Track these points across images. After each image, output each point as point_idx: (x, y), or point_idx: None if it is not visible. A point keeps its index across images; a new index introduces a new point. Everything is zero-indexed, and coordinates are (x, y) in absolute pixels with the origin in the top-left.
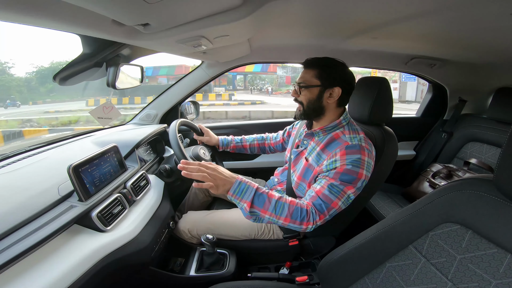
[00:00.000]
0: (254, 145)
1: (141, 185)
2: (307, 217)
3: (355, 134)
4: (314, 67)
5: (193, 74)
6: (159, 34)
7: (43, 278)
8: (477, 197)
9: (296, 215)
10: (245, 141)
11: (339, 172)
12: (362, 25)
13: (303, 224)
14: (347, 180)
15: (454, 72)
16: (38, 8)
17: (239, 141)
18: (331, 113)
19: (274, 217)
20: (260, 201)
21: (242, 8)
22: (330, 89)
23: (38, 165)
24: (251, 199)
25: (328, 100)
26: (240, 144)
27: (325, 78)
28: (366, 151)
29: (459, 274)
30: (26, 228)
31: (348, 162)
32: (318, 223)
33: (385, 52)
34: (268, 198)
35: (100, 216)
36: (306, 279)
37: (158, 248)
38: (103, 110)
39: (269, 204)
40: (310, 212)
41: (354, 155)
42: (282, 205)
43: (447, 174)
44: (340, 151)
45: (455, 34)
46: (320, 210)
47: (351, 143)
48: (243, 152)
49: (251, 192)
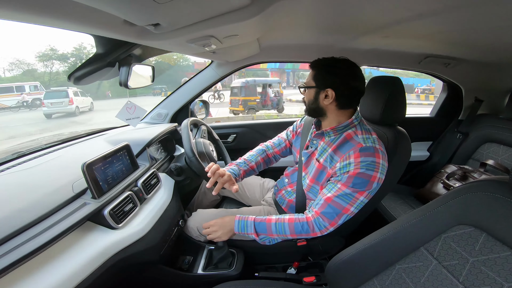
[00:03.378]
0: (259, 162)
1: (151, 183)
2: (312, 227)
3: (368, 134)
4: (314, 68)
5: (203, 73)
6: (169, 34)
7: (56, 273)
8: (493, 199)
9: (299, 230)
10: (250, 162)
11: (352, 177)
12: (373, 23)
13: (311, 234)
14: (359, 185)
15: (469, 71)
16: (53, 9)
17: (243, 165)
18: (335, 115)
19: (281, 236)
20: (262, 228)
21: (251, 7)
22: (323, 91)
23: (53, 163)
24: (254, 230)
25: (325, 102)
26: (247, 167)
27: (319, 80)
28: (381, 153)
29: (471, 277)
30: (42, 224)
31: (362, 166)
32: (331, 229)
33: (398, 51)
34: (267, 224)
35: (112, 214)
36: (314, 279)
37: (167, 246)
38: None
39: (271, 228)
40: (313, 223)
41: (369, 157)
42: (282, 225)
43: (462, 175)
44: (354, 153)
45: (470, 32)
46: (330, 217)
47: (365, 144)
48: (253, 174)
49: (251, 225)
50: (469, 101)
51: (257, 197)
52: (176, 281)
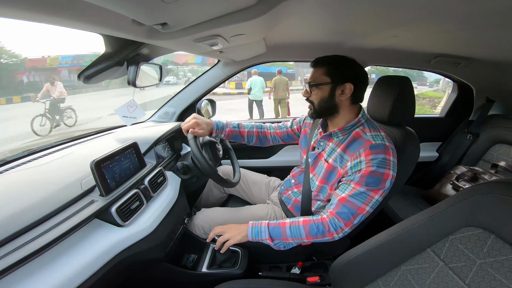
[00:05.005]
0: (253, 133)
1: (158, 182)
2: (327, 228)
3: (377, 132)
4: (323, 65)
5: (210, 72)
6: (176, 34)
7: (64, 270)
8: (502, 201)
9: (314, 232)
10: (243, 127)
11: (365, 175)
12: (382, 22)
13: (327, 236)
14: (373, 184)
15: (480, 71)
16: (63, 9)
17: (236, 125)
18: (346, 112)
19: (297, 240)
20: (277, 233)
21: (257, 6)
22: (341, 85)
23: (63, 160)
24: (268, 235)
25: (341, 97)
26: (237, 130)
27: (335, 75)
28: (391, 150)
29: (478, 279)
30: (51, 221)
31: (373, 163)
32: (346, 229)
33: (407, 51)
34: (281, 228)
35: (119, 211)
36: (317, 279)
37: (172, 244)
38: (127, 109)
39: (285, 232)
40: (329, 224)
41: (379, 155)
42: (297, 228)
43: (472, 177)
44: (364, 151)
45: (482, 32)
46: (346, 218)
47: (375, 142)
48: (239, 140)
49: (265, 230)
50: (480, 102)
51: (263, 195)
52: (181, 279)
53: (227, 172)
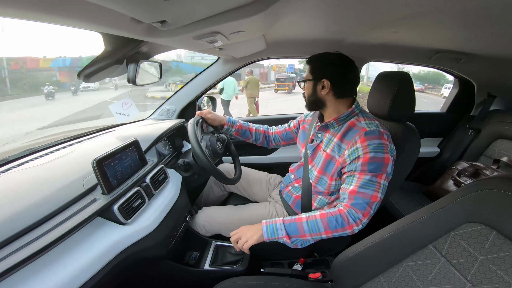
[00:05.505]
0: (260, 131)
1: (160, 179)
2: (346, 220)
3: (371, 120)
4: (309, 62)
5: (210, 70)
6: (176, 31)
7: (67, 268)
8: (504, 197)
9: (333, 224)
10: (251, 124)
11: (365, 163)
12: (382, 18)
13: (347, 229)
14: (375, 169)
15: (482, 67)
16: (61, 8)
17: (244, 122)
18: (334, 105)
19: (315, 235)
20: (294, 230)
21: (257, 3)
22: (320, 82)
23: (65, 159)
24: (285, 233)
25: (322, 92)
26: (246, 126)
27: (315, 72)
28: (386, 136)
29: (479, 275)
30: (54, 219)
31: (370, 149)
32: (364, 220)
33: (407, 46)
34: (298, 224)
35: (121, 209)
36: (319, 276)
37: (174, 241)
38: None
39: (302, 227)
40: (347, 214)
41: (375, 140)
42: (315, 222)
43: (473, 172)
44: (360, 138)
45: (482, 27)
46: (362, 208)
47: (369, 128)
48: (248, 136)
49: (281, 227)
50: (482, 97)
51: (264, 193)
52: (183, 276)
53: (228, 171)
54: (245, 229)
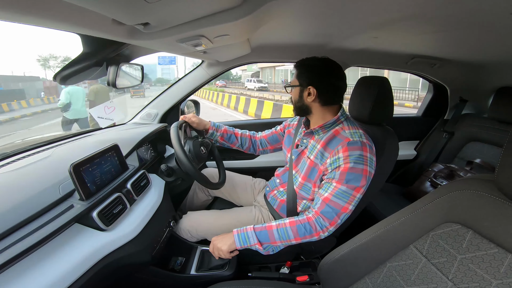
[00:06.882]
0: (246, 136)
1: (141, 185)
2: (314, 227)
3: (355, 129)
4: (297, 68)
5: (194, 73)
6: (159, 34)
7: (43, 277)
8: (478, 197)
9: (302, 232)
10: (236, 130)
11: (344, 173)
12: (362, 24)
13: (315, 235)
14: (353, 181)
15: (454, 72)
16: (39, 8)
17: (229, 127)
18: (320, 112)
19: (285, 242)
20: (265, 237)
21: (242, 7)
22: (306, 88)
23: (40, 164)
24: (257, 240)
25: (309, 99)
26: (231, 130)
27: (302, 78)
28: (368, 147)
29: (460, 274)
30: (27, 227)
31: (351, 160)
32: (331, 228)
33: (386, 52)
34: (269, 231)
35: (101, 215)
36: (307, 278)
37: (158, 247)
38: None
39: (273, 235)
40: (315, 222)
41: (356, 151)
42: (285, 230)
43: (448, 174)
44: (342, 148)
45: (456, 33)
46: (330, 217)
47: (352, 139)
48: (233, 141)
49: (252, 235)
50: (454, 101)
51: (248, 197)
52: (169, 282)
53: (212, 175)
54: (216, 240)
